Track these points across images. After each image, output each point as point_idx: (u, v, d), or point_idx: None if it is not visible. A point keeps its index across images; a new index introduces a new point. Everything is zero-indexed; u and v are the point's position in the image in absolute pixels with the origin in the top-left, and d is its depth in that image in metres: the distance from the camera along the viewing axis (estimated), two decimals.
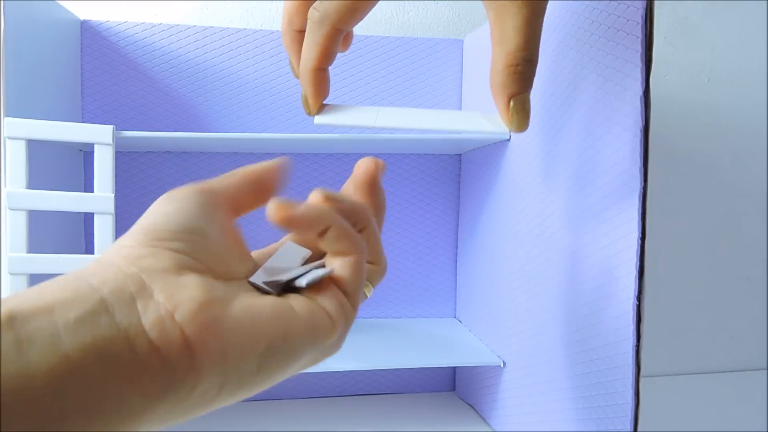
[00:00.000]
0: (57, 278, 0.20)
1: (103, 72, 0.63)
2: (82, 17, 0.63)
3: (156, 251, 0.22)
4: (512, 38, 0.30)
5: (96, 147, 0.47)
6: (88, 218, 0.63)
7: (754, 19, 0.80)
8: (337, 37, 0.31)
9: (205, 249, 0.23)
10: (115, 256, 0.22)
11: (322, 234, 0.25)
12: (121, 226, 0.64)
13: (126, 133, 0.50)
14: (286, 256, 0.28)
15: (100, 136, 0.47)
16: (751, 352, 0.83)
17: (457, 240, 0.71)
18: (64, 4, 0.60)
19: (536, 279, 0.49)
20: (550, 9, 0.46)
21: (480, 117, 0.34)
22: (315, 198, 0.26)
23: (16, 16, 0.47)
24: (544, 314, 0.48)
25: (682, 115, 0.79)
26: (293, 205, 0.24)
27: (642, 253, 0.36)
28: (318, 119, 0.34)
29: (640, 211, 0.36)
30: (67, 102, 0.60)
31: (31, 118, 0.46)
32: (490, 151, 0.60)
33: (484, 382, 0.61)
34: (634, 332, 0.36)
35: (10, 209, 0.45)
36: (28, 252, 0.46)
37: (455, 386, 0.71)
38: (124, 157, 0.64)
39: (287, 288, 0.26)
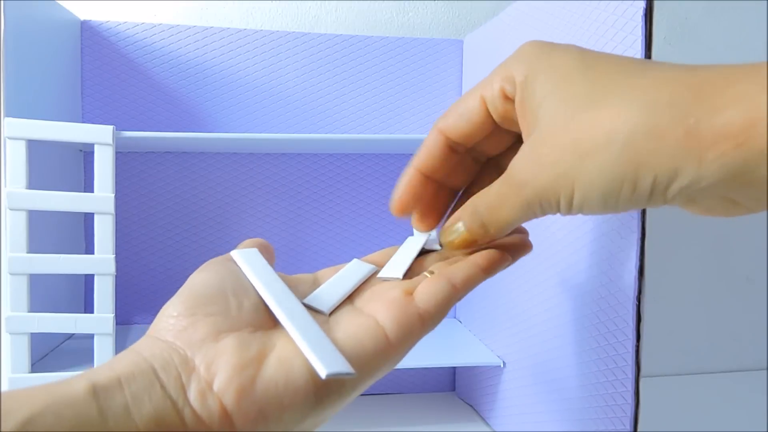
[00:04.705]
0: (119, 354, 0.23)
1: (103, 72, 0.63)
2: (82, 17, 0.63)
3: (195, 320, 0.24)
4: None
5: (96, 147, 0.47)
6: (88, 218, 0.63)
7: (754, 19, 0.80)
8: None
9: (240, 307, 0.25)
10: (162, 330, 0.24)
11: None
12: (121, 226, 0.65)
13: (126, 133, 0.50)
14: (351, 273, 0.30)
15: (100, 136, 0.47)
16: (751, 352, 0.83)
17: None
18: (64, 4, 0.60)
19: (536, 279, 0.49)
20: (551, 9, 0.46)
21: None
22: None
23: (16, 16, 0.47)
24: (544, 314, 0.48)
25: None
26: None
27: (642, 253, 0.36)
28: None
29: (640, 210, 0.36)
30: (67, 102, 0.60)
31: (31, 118, 0.46)
32: None
33: (484, 382, 0.61)
34: (634, 332, 0.36)
35: (10, 209, 0.45)
36: (28, 252, 0.46)
37: (455, 386, 0.71)
38: (124, 157, 0.64)
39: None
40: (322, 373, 0.22)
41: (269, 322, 0.25)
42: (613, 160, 0.21)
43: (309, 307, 0.27)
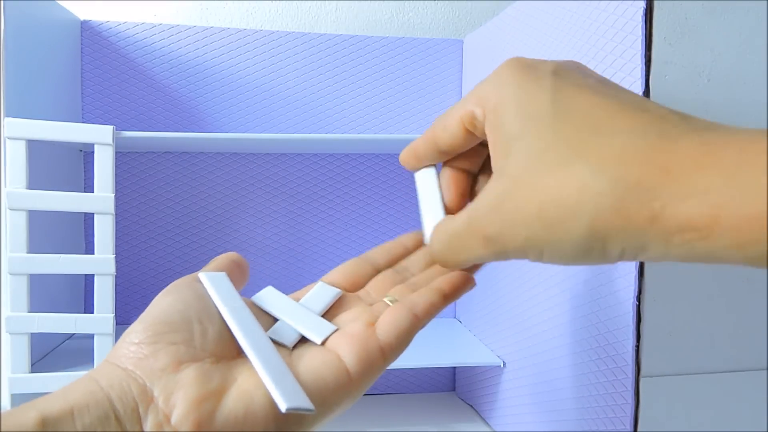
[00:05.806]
0: (76, 380, 0.22)
1: (103, 72, 0.63)
2: (82, 17, 0.63)
3: (156, 349, 0.23)
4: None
5: (96, 147, 0.47)
6: (88, 218, 0.63)
7: (754, 19, 0.80)
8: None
9: (203, 335, 0.25)
10: (122, 357, 0.23)
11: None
12: (121, 226, 0.65)
13: (126, 133, 0.50)
14: (317, 298, 0.29)
15: (100, 136, 0.47)
16: (751, 352, 0.83)
17: None
18: (64, 4, 0.60)
19: (536, 279, 0.49)
20: (551, 9, 0.46)
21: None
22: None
23: (16, 16, 0.47)
24: (544, 314, 0.48)
25: None
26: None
27: None
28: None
29: None
30: (67, 102, 0.60)
31: (31, 118, 0.46)
32: None
33: (484, 382, 0.61)
34: (634, 332, 0.36)
35: (10, 209, 0.45)
36: (28, 252, 0.46)
37: (455, 386, 0.71)
38: (124, 157, 0.64)
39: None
40: (283, 406, 0.22)
41: (232, 350, 0.25)
42: (581, 233, 0.21)
43: (272, 341, 0.27)
